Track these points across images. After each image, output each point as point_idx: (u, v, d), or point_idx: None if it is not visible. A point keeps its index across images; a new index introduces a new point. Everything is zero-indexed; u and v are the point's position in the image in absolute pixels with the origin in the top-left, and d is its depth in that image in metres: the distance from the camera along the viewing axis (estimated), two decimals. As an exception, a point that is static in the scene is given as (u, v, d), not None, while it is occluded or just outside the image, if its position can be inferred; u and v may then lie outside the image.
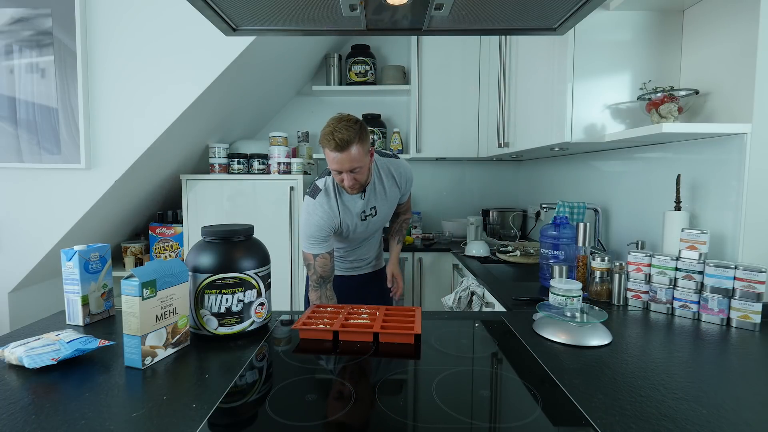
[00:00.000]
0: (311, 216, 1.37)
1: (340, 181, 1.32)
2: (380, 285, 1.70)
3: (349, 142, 1.22)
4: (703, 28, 1.32)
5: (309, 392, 0.73)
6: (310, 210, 1.38)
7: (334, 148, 1.22)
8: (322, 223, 1.36)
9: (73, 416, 0.64)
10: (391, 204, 1.51)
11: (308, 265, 1.42)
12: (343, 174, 1.28)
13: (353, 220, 1.43)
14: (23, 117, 1.82)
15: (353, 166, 1.26)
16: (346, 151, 1.23)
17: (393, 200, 1.51)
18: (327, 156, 1.27)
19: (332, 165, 1.27)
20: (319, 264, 1.39)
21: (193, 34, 1.80)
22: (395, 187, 1.49)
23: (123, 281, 0.80)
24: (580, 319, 0.98)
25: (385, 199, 1.48)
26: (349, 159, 1.24)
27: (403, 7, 0.81)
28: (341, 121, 1.25)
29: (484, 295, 1.59)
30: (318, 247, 1.38)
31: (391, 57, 2.89)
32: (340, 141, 1.21)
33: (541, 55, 1.68)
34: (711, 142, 1.23)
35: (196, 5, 0.80)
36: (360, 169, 1.28)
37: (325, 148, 1.26)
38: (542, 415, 0.66)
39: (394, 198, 1.51)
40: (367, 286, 1.65)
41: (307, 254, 1.40)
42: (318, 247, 1.38)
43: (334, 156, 1.24)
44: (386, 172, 1.47)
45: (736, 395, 0.72)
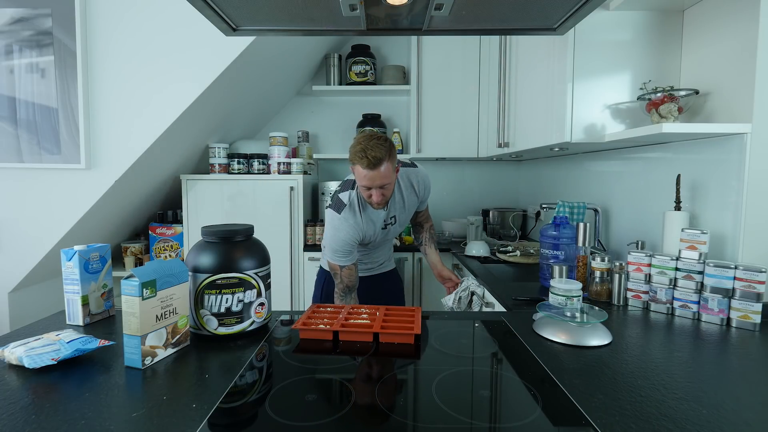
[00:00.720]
0: (338, 231, 1.40)
1: (368, 197, 1.35)
2: (390, 286, 1.72)
3: (381, 160, 1.26)
4: (703, 28, 1.32)
5: (309, 392, 0.73)
6: (337, 225, 1.40)
7: (366, 165, 1.26)
8: (348, 238, 1.39)
9: (73, 416, 0.64)
10: (409, 212, 1.55)
11: (335, 274, 1.45)
12: (372, 190, 1.32)
13: (375, 230, 1.46)
14: (23, 117, 1.82)
15: (383, 183, 1.30)
16: (377, 168, 1.27)
17: (411, 208, 1.55)
18: (357, 173, 1.30)
19: (363, 182, 1.31)
20: (346, 275, 1.43)
21: (193, 34, 1.80)
22: (414, 196, 1.53)
23: (123, 281, 0.80)
24: (580, 319, 0.98)
25: (404, 208, 1.52)
26: (380, 176, 1.28)
27: (403, 7, 0.81)
28: (372, 139, 1.28)
29: (484, 295, 1.59)
30: (345, 260, 1.41)
31: (391, 57, 2.89)
32: (372, 159, 1.25)
33: (541, 55, 1.68)
34: (711, 142, 1.23)
35: (196, 5, 0.80)
36: (389, 185, 1.33)
37: (357, 165, 1.29)
38: (542, 415, 0.66)
39: (413, 206, 1.55)
40: (378, 287, 1.66)
41: (334, 265, 1.43)
42: (345, 259, 1.41)
43: (366, 173, 1.28)
44: (406, 182, 1.50)
45: (736, 395, 0.72)
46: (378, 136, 1.31)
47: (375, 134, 1.32)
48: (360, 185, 1.34)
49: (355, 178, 1.34)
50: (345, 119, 2.91)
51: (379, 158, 1.26)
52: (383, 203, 1.37)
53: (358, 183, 1.34)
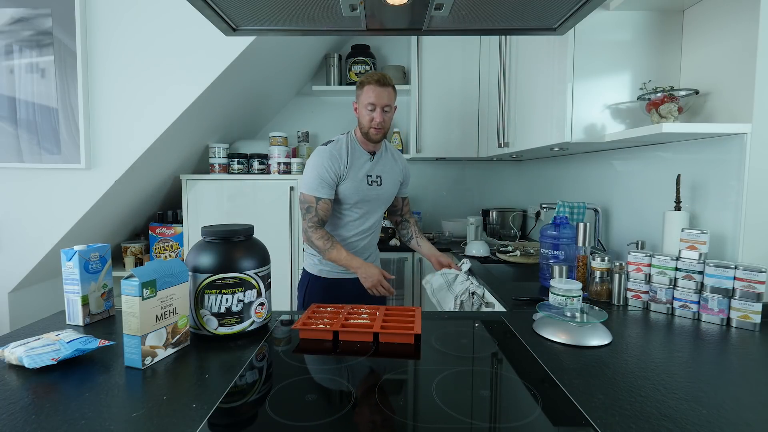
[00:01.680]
0: (322, 158, 1.45)
1: (370, 120, 1.45)
2: None
3: (388, 83, 1.45)
4: (703, 28, 1.32)
5: (309, 392, 0.73)
6: (322, 154, 1.47)
7: (376, 81, 1.42)
8: (328, 166, 1.44)
9: (73, 416, 0.64)
10: (393, 182, 1.61)
11: (309, 207, 1.45)
12: (376, 111, 1.44)
13: (359, 180, 1.50)
14: (23, 117, 1.82)
15: (388, 102, 1.44)
16: (386, 87, 1.44)
17: (395, 179, 1.62)
18: (365, 92, 1.43)
19: (370, 98, 1.43)
20: (321, 208, 1.45)
21: (193, 34, 1.80)
22: (397, 168, 1.63)
23: (123, 281, 0.80)
24: (580, 319, 0.98)
25: (390, 172, 1.59)
26: (387, 95, 1.44)
27: (403, 7, 0.81)
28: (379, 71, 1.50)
29: (484, 295, 1.59)
30: (323, 190, 1.45)
31: (391, 57, 2.89)
32: (382, 78, 1.43)
33: (541, 55, 1.68)
34: (711, 142, 1.23)
35: (196, 5, 0.80)
36: (390, 110, 1.46)
37: (366, 85, 1.43)
38: (542, 415, 0.66)
39: (396, 177, 1.62)
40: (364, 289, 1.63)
41: (310, 197, 1.45)
42: (324, 189, 1.45)
43: (374, 89, 1.42)
44: (392, 150, 1.65)
45: (736, 395, 0.72)
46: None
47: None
48: (365, 103, 1.44)
49: (361, 101, 1.45)
50: (345, 119, 2.91)
51: (387, 79, 1.44)
52: (383, 129, 1.46)
53: (364, 102, 1.44)
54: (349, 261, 1.43)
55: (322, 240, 1.44)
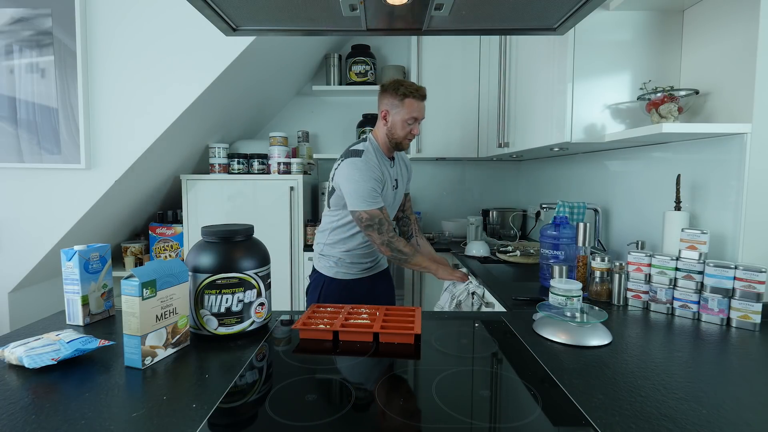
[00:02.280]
0: (366, 170, 1.39)
1: (408, 131, 1.47)
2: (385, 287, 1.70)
3: (425, 96, 1.48)
4: (703, 28, 1.32)
5: (309, 392, 0.73)
6: (361, 166, 1.39)
7: (419, 96, 1.44)
8: (377, 175, 1.42)
9: (73, 416, 0.64)
10: (404, 183, 1.64)
11: (380, 221, 1.37)
12: (415, 124, 1.46)
13: (389, 187, 1.51)
14: (23, 117, 1.82)
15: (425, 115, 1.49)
16: (424, 101, 1.47)
17: (405, 180, 1.65)
18: (408, 105, 1.43)
19: (413, 113, 1.44)
20: (387, 216, 1.41)
21: (193, 34, 1.80)
22: (405, 168, 1.66)
23: (123, 281, 0.80)
24: (580, 319, 0.98)
25: (402, 174, 1.62)
26: (425, 109, 1.48)
27: (403, 7, 0.81)
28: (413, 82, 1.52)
29: (484, 295, 1.59)
30: (380, 199, 1.41)
31: (391, 57, 2.89)
32: (423, 91, 1.46)
33: (541, 55, 1.68)
34: (711, 142, 1.23)
35: (196, 5, 0.80)
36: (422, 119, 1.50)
37: (409, 98, 1.43)
38: (542, 415, 0.66)
39: (406, 178, 1.66)
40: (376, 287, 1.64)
41: (374, 211, 1.37)
42: (380, 199, 1.41)
43: (418, 105, 1.45)
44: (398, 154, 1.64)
45: (736, 395, 0.72)
46: None
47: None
48: (406, 118, 1.44)
49: (401, 113, 1.44)
50: (345, 119, 2.91)
51: (425, 93, 1.47)
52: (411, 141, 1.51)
53: (405, 117, 1.44)
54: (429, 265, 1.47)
55: (408, 247, 1.43)
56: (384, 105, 1.48)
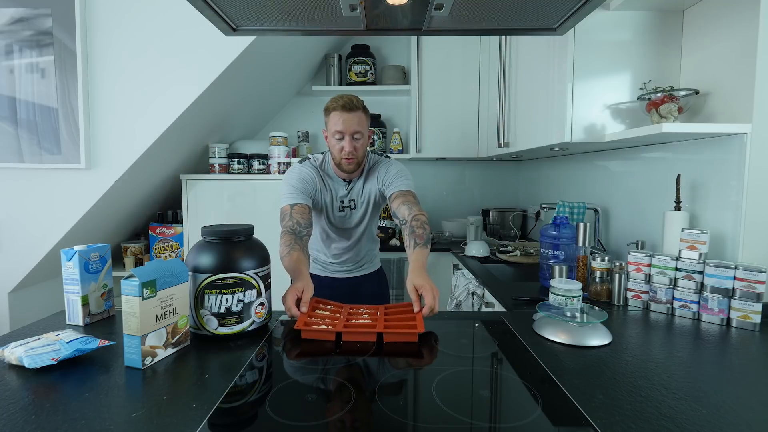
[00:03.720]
0: (293, 171, 1.39)
1: (339, 150, 1.32)
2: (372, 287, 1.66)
3: (356, 106, 1.30)
4: (703, 28, 1.32)
5: (309, 392, 0.73)
6: (294, 168, 1.41)
7: (341, 107, 1.29)
8: (304, 176, 1.36)
9: (73, 416, 0.64)
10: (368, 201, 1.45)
11: (284, 216, 1.31)
12: (345, 140, 1.30)
13: (332, 201, 1.44)
14: (23, 117, 1.82)
15: (357, 129, 1.30)
16: (353, 112, 1.29)
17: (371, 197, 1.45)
18: (331, 120, 1.31)
19: (336, 126, 1.30)
20: (297, 211, 1.29)
21: (193, 34, 1.80)
22: (375, 183, 1.43)
23: (123, 281, 0.80)
24: (580, 319, 0.98)
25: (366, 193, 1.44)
26: (356, 121, 1.30)
27: (403, 7, 0.81)
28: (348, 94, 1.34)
29: (484, 295, 1.59)
30: (297, 197, 1.32)
31: (391, 57, 2.89)
32: (348, 102, 1.29)
33: (541, 55, 1.68)
34: (711, 142, 1.23)
35: (196, 5, 0.80)
36: (361, 136, 1.32)
37: (332, 112, 1.31)
38: (542, 415, 0.66)
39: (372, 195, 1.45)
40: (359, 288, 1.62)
41: (285, 207, 1.32)
42: (297, 196, 1.32)
43: (340, 116, 1.29)
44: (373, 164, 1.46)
45: (736, 395, 0.72)
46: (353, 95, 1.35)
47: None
48: (332, 132, 1.31)
49: (329, 129, 1.33)
50: (345, 119, 2.90)
51: (354, 103, 1.30)
52: (353, 161, 1.32)
53: (331, 131, 1.32)
54: (288, 268, 1.15)
55: (283, 245, 1.21)
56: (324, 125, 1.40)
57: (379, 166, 1.45)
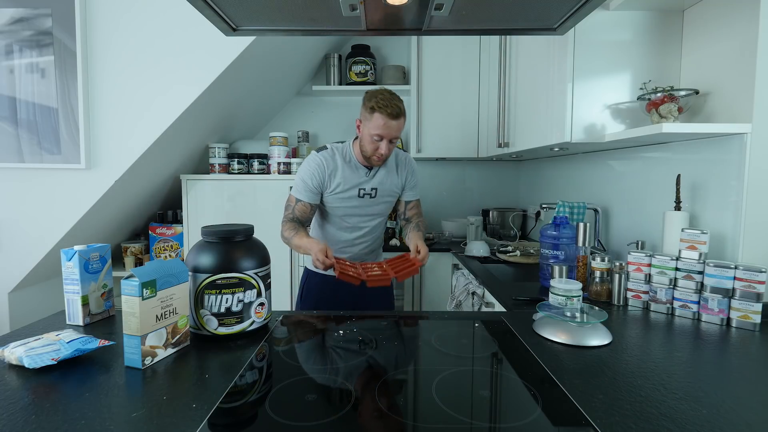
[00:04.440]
0: (310, 164, 1.43)
1: (374, 149, 1.37)
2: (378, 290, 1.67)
3: (402, 112, 1.34)
4: (703, 28, 1.32)
5: (309, 392, 0.73)
6: (310, 160, 1.45)
7: (389, 113, 1.31)
8: (317, 173, 1.42)
9: (73, 416, 0.64)
10: (390, 192, 1.53)
11: (287, 206, 1.47)
12: (383, 142, 1.35)
13: (350, 189, 1.45)
14: (23, 117, 1.82)
15: (397, 135, 1.36)
16: (398, 119, 1.33)
17: (393, 189, 1.54)
18: (374, 121, 1.32)
19: (379, 130, 1.32)
20: (299, 209, 1.44)
21: (193, 34, 1.80)
22: (397, 177, 1.54)
23: (123, 281, 0.80)
24: (580, 319, 0.98)
25: (388, 183, 1.51)
26: (398, 127, 1.34)
27: (403, 7, 0.81)
28: (392, 94, 1.35)
29: (484, 295, 1.59)
30: (304, 194, 1.43)
31: (391, 57, 2.89)
32: (396, 110, 1.31)
33: (541, 55, 1.68)
34: (711, 142, 1.23)
35: (196, 5, 0.80)
36: (396, 140, 1.38)
37: (378, 113, 1.31)
38: (542, 415, 0.66)
39: (394, 188, 1.54)
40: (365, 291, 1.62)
41: (292, 197, 1.46)
42: (304, 194, 1.43)
43: (386, 122, 1.31)
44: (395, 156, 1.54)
45: (736, 395, 0.72)
46: (395, 93, 1.37)
47: (391, 90, 1.37)
48: (372, 134, 1.34)
49: (369, 126, 1.34)
50: (345, 119, 2.91)
51: (401, 109, 1.33)
52: (383, 160, 1.40)
53: (372, 132, 1.33)
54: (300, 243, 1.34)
55: (288, 231, 1.40)
56: (360, 111, 1.40)
57: (405, 163, 1.56)
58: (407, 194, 1.61)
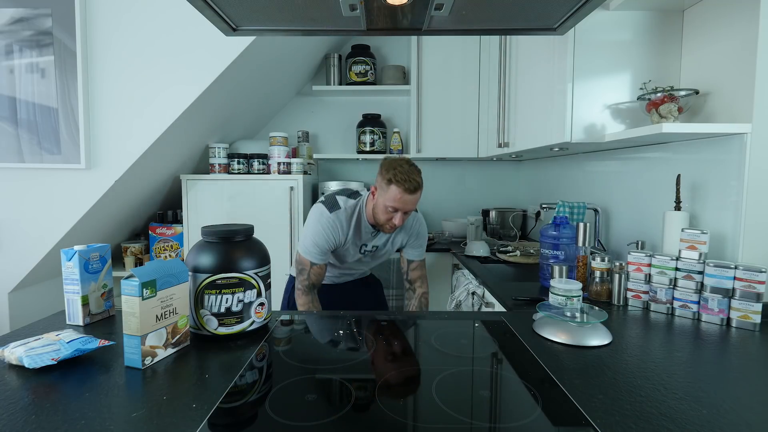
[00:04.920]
0: (324, 227, 1.38)
1: (388, 219, 1.34)
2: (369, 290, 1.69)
3: (420, 186, 1.31)
4: (703, 28, 1.32)
5: (309, 392, 0.73)
6: (323, 221, 1.38)
7: (407, 189, 1.28)
8: (330, 238, 1.38)
9: (73, 416, 0.64)
10: (388, 250, 1.53)
11: (302, 270, 1.42)
12: (397, 214, 1.33)
13: (354, 247, 1.45)
14: (23, 117, 1.82)
15: (413, 208, 1.34)
16: (415, 194, 1.30)
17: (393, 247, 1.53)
18: (391, 193, 1.29)
19: (395, 203, 1.30)
20: (315, 272, 1.41)
21: (193, 34, 1.80)
22: (400, 236, 1.51)
23: (123, 281, 0.80)
24: (580, 319, 0.98)
25: (389, 242, 1.51)
26: (414, 201, 1.32)
27: (403, 7, 0.81)
28: (411, 166, 1.32)
29: (484, 295, 1.59)
30: (319, 257, 1.41)
31: (391, 57, 2.89)
32: (414, 185, 1.28)
33: (541, 55, 1.68)
34: (711, 142, 1.23)
35: (196, 5, 0.80)
36: (410, 213, 1.37)
37: (395, 186, 1.28)
38: (542, 415, 0.66)
39: (395, 245, 1.53)
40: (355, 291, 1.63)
41: (305, 260, 1.41)
42: (319, 257, 1.40)
43: (402, 196, 1.28)
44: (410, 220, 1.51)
45: (736, 395, 0.72)
46: (414, 164, 1.34)
47: (410, 161, 1.34)
48: (387, 205, 1.31)
49: (385, 197, 1.31)
50: (345, 119, 2.91)
51: (419, 184, 1.31)
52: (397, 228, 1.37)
53: (388, 203, 1.30)
54: None
55: (304, 306, 1.40)
56: (377, 179, 1.37)
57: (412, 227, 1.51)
58: (410, 252, 1.57)
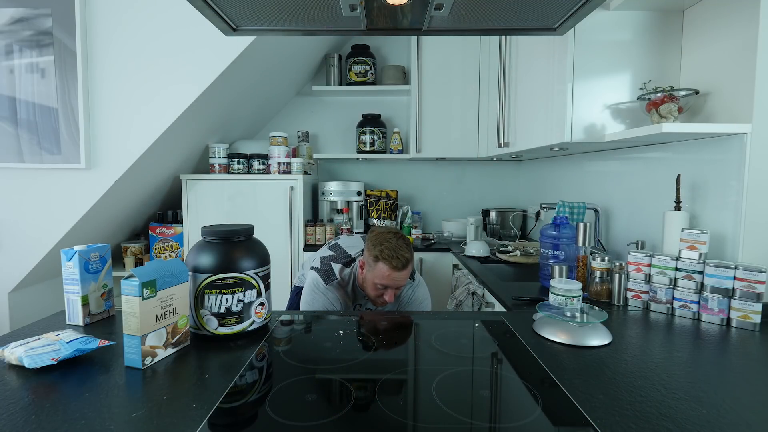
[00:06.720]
0: (315, 302, 1.35)
1: (378, 295, 1.31)
2: None
3: (409, 262, 1.27)
4: (703, 28, 1.32)
5: (309, 392, 0.73)
6: (317, 294, 1.35)
7: (395, 266, 1.24)
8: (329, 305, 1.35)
9: (73, 416, 0.64)
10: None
11: None
12: (387, 291, 1.29)
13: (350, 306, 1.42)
14: (23, 117, 1.82)
15: (402, 284, 1.29)
16: (404, 270, 1.26)
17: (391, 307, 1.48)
18: (379, 271, 1.26)
19: (383, 280, 1.26)
20: None
21: (193, 34, 1.80)
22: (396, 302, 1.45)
23: (123, 281, 0.80)
24: (580, 319, 0.98)
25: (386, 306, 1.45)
26: (403, 278, 1.27)
27: (403, 7, 0.81)
28: (400, 239, 1.28)
29: (484, 295, 1.59)
30: None
31: (391, 57, 2.89)
32: (403, 260, 1.24)
33: (541, 55, 1.68)
34: (711, 142, 1.23)
35: (196, 5, 0.80)
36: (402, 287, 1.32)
37: (382, 263, 1.25)
38: (542, 415, 0.66)
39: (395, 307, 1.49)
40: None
41: None
42: None
43: (390, 273, 1.25)
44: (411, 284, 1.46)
45: (736, 395, 0.72)
46: (402, 236, 1.30)
47: (398, 233, 1.31)
48: (376, 283, 1.28)
49: (373, 274, 1.28)
50: (345, 119, 2.91)
51: (408, 260, 1.26)
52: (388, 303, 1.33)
53: (376, 280, 1.27)
54: None
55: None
56: (364, 253, 1.33)
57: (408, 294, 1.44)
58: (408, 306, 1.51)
